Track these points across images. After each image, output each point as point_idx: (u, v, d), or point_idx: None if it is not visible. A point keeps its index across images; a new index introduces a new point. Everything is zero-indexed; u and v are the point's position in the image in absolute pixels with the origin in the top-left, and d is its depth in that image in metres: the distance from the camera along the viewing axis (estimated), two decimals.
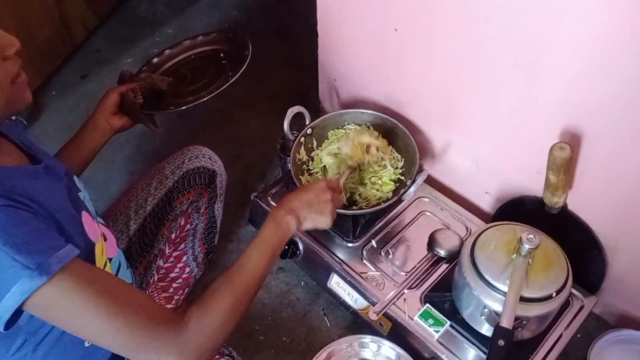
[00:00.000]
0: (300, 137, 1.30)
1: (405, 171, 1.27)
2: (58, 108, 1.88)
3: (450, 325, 1.11)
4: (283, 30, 2.09)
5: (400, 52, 1.28)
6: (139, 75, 1.21)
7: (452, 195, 1.36)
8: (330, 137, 1.34)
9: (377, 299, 1.15)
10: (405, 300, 1.15)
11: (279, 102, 1.72)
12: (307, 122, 1.32)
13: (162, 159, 1.23)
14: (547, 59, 1.02)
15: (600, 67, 0.96)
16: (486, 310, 1.02)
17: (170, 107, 1.18)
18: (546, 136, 1.09)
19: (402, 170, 1.27)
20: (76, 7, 2.02)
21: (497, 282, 1.00)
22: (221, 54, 1.32)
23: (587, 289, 1.18)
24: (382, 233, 1.27)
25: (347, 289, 1.21)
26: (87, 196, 0.96)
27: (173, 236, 1.20)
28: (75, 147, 1.07)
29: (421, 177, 1.20)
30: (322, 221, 0.99)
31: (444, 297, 1.15)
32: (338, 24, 1.39)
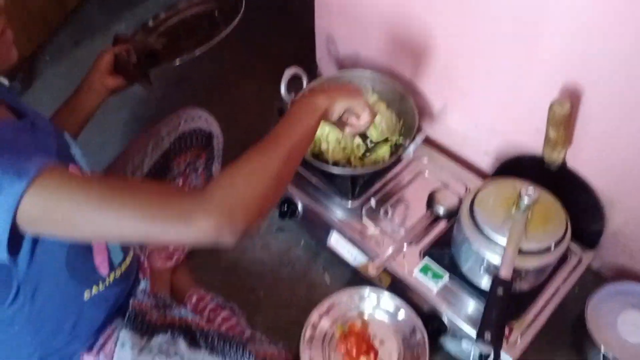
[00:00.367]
0: None
1: (404, 133, 1.26)
2: (51, 75, 1.86)
3: (450, 279, 1.12)
4: None
5: (399, 11, 1.26)
6: (133, 37, 1.20)
7: (451, 156, 1.36)
8: None
9: (376, 255, 1.16)
10: (404, 256, 1.16)
11: (275, 65, 1.69)
12: (305, 84, 1.31)
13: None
14: (546, 15, 1.01)
15: (599, 23, 0.95)
16: (485, 264, 1.03)
17: (164, 62, 1.16)
18: (546, 93, 1.08)
19: (401, 131, 1.27)
20: None
21: (496, 236, 1.00)
22: (215, 13, 1.30)
23: (586, 245, 1.19)
24: (381, 193, 1.27)
25: (346, 246, 1.22)
26: (79, 152, 0.95)
27: None
28: (70, 108, 1.06)
29: (420, 136, 1.20)
30: (356, 101, 0.89)
31: (443, 252, 1.16)
32: None
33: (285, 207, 1.27)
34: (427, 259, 1.14)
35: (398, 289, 1.15)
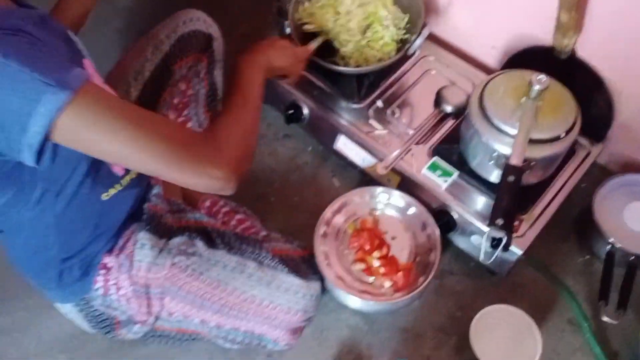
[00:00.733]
0: None
1: (410, 29, 1.23)
2: None
3: (459, 175, 1.13)
4: None
5: None
6: None
7: (458, 53, 1.33)
8: None
9: (384, 155, 1.16)
10: (413, 154, 1.16)
11: None
12: None
13: None
14: None
15: None
16: (495, 155, 1.03)
17: None
18: None
19: (407, 28, 1.23)
20: None
21: (506, 126, 1.00)
22: None
23: (594, 138, 1.20)
24: (387, 93, 1.25)
25: (354, 148, 1.22)
26: (86, 50, 0.93)
27: (175, 101, 1.19)
28: (67, 4, 1.02)
29: (426, 29, 1.17)
30: (290, 67, 1.04)
31: (452, 149, 1.16)
32: None
33: (291, 112, 1.26)
34: (435, 157, 1.15)
35: (407, 189, 1.16)
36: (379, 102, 1.24)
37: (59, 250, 0.96)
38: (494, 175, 1.09)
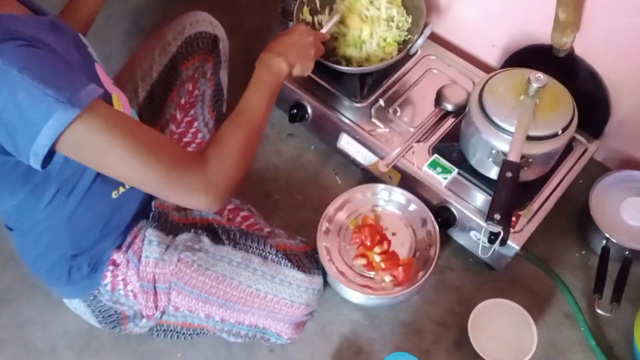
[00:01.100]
0: None
1: (412, 29, 1.25)
2: None
3: (458, 173, 1.15)
4: None
5: None
6: None
7: (459, 51, 1.36)
8: None
9: (386, 153, 1.18)
10: (413, 152, 1.19)
11: None
12: None
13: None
14: None
15: None
16: (494, 153, 1.05)
17: None
18: None
19: (408, 29, 1.26)
20: None
21: (505, 124, 1.02)
22: None
23: (592, 135, 1.21)
24: (389, 92, 1.28)
25: (356, 146, 1.24)
26: (95, 54, 0.96)
27: (182, 101, 1.22)
28: (76, 5, 1.05)
29: (428, 29, 1.19)
30: (307, 67, 1.04)
31: (451, 147, 1.18)
32: None
33: (295, 111, 1.28)
34: (435, 155, 1.17)
35: (408, 186, 1.18)
36: (381, 101, 1.26)
37: (70, 248, 0.99)
38: (493, 172, 1.11)
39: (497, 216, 0.93)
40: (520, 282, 1.21)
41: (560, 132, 1.03)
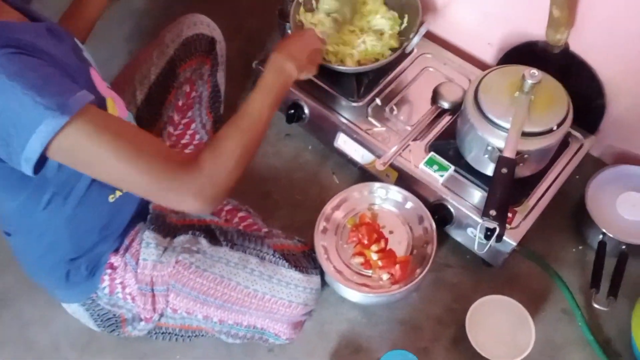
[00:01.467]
0: None
1: (407, 28, 1.25)
2: None
3: (455, 170, 1.16)
4: None
5: None
6: None
7: (455, 49, 1.36)
8: None
9: (383, 152, 1.19)
10: (410, 150, 1.19)
11: None
12: None
13: None
14: None
15: None
16: (490, 149, 1.05)
17: None
18: None
19: (404, 29, 1.26)
20: None
21: (500, 120, 1.03)
22: None
23: (587, 130, 1.22)
24: (386, 91, 1.28)
25: (353, 146, 1.25)
26: (91, 58, 0.97)
27: (180, 103, 1.22)
28: (77, 11, 1.06)
29: (424, 27, 1.19)
30: (312, 70, 1.04)
31: (448, 144, 1.18)
32: None
33: (293, 111, 1.29)
34: (432, 153, 1.17)
35: (405, 184, 1.19)
36: (378, 100, 1.26)
37: (68, 251, 0.99)
38: (489, 169, 1.11)
39: (493, 212, 0.93)
40: (517, 278, 1.21)
41: (555, 128, 1.03)
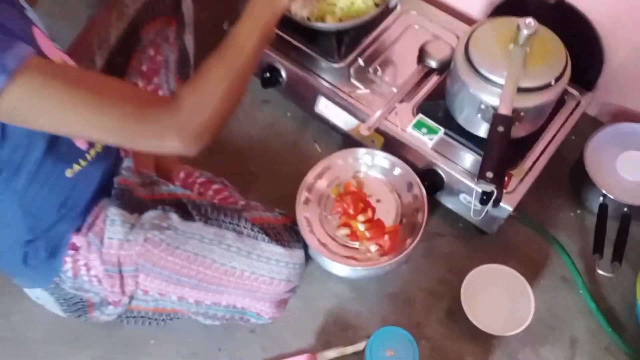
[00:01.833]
0: None
1: None
2: None
3: (445, 133, 1.08)
4: None
5: None
6: None
7: (441, 5, 1.27)
8: None
9: (367, 116, 1.11)
10: (396, 113, 1.11)
11: None
12: None
13: None
14: None
15: None
16: (483, 108, 0.98)
17: None
18: None
19: None
20: None
21: (494, 76, 0.95)
22: None
23: (584, 87, 1.14)
24: (369, 50, 1.19)
25: (335, 110, 1.16)
26: (37, 18, 0.86)
27: (144, 68, 1.12)
28: None
29: None
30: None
31: (437, 105, 1.11)
32: None
33: (268, 75, 1.19)
34: (420, 115, 1.10)
35: (392, 149, 1.11)
36: (360, 61, 1.17)
37: (23, 232, 0.90)
38: (482, 130, 1.04)
39: (490, 174, 0.85)
40: (514, 246, 1.15)
41: (553, 83, 0.95)
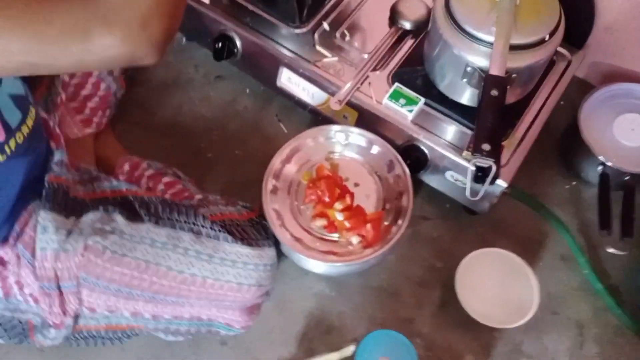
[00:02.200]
0: None
1: None
2: None
3: (426, 103, 0.95)
4: None
5: None
6: None
7: None
8: None
9: (337, 87, 0.97)
10: (370, 83, 0.98)
11: None
12: None
13: None
14: None
15: None
16: (469, 71, 0.86)
17: None
18: None
19: None
20: None
21: (481, 33, 0.83)
22: None
23: (574, 45, 1.03)
24: (334, 13, 1.05)
25: (301, 83, 1.02)
26: None
27: None
28: None
29: None
30: None
31: (415, 72, 0.98)
32: None
33: (220, 46, 1.04)
34: (397, 84, 0.97)
35: (368, 124, 0.98)
36: (325, 25, 1.03)
37: None
38: (468, 97, 0.92)
39: (487, 146, 0.74)
40: (506, 225, 1.05)
41: (547, 38, 0.84)
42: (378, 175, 0.95)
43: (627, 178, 0.99)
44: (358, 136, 0.95)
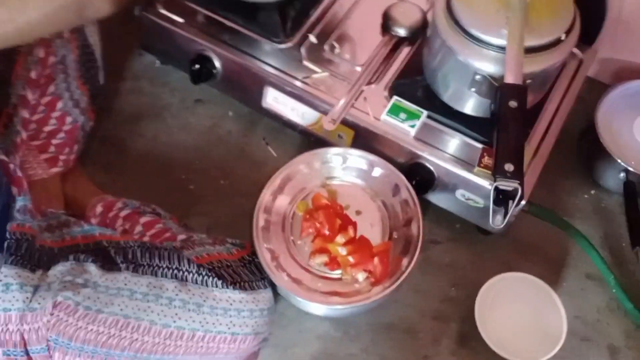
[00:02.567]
0: None
1: None
2: None
3: (429, 116, 0.87)
4: None
5: None
6: None
7: None
8: None
9: (329, 105, 0.88)
10: (365, 98, 0.89)
11: None
12: None
13: None
14: None
15: None
16: (478, 79, 0.77)
17: None
18: None
19: None
20: None
21: (489, 36, 0.75)
22: None
23: (584, 42, 0.95)
24: (321, 24, 0.97)
25: (289, 102, 0.93)
26: None
27: (33, 75, 0.86)
28: None
29: None
30: None
31: (414, 82, 0.90)
32: None
33: (198, 67, 0.95)
34: (395, 98, 0.88)
35: (365, 144, 0.90)
36: (312, 37, 0.95)
37: None
38: (476, 107, 0.84)
39: (510, 166, 0.65)
40: (523, 244, 0.96)
41: (564, 37, 0.76)
42: (382, 200, 0.86)
43: None
44: (357, 158, 0.86)
